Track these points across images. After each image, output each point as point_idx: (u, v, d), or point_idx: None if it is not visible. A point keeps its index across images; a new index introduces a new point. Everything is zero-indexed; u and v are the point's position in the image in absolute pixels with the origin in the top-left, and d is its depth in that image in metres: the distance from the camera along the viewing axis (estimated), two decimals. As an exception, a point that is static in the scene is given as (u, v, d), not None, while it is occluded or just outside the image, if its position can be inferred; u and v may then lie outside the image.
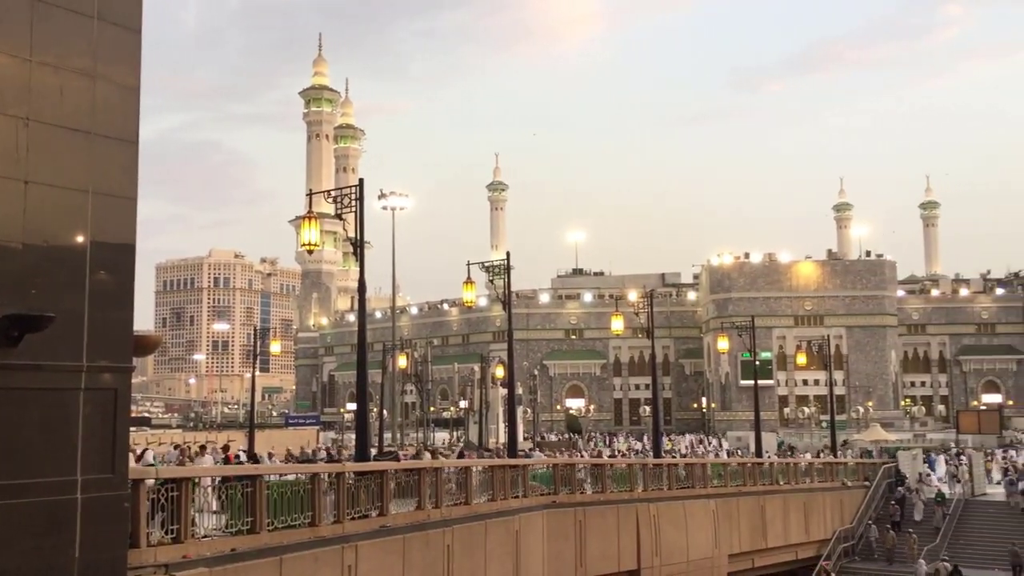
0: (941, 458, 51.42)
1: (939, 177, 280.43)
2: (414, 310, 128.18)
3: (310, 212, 22.84)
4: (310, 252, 24.98)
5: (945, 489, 43.38)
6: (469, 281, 34.05)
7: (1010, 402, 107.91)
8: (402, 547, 19.34)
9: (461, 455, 32.15)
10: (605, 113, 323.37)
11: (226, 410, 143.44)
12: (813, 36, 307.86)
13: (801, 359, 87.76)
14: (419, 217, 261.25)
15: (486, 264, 31.87)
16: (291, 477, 18.12)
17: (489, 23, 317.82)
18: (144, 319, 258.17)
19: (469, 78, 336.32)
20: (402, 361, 60.68)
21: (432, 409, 78.41)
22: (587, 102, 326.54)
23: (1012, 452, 59.52)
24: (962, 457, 50.72)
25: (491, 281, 31.68)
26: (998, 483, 45.54)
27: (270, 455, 30.87)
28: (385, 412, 62.38)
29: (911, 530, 38.14)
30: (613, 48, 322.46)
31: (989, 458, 52.25)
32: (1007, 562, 35.21)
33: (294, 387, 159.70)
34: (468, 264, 32.72)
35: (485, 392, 58.40)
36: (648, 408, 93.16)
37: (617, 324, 42.55)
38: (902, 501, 40.96)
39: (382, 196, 41.80)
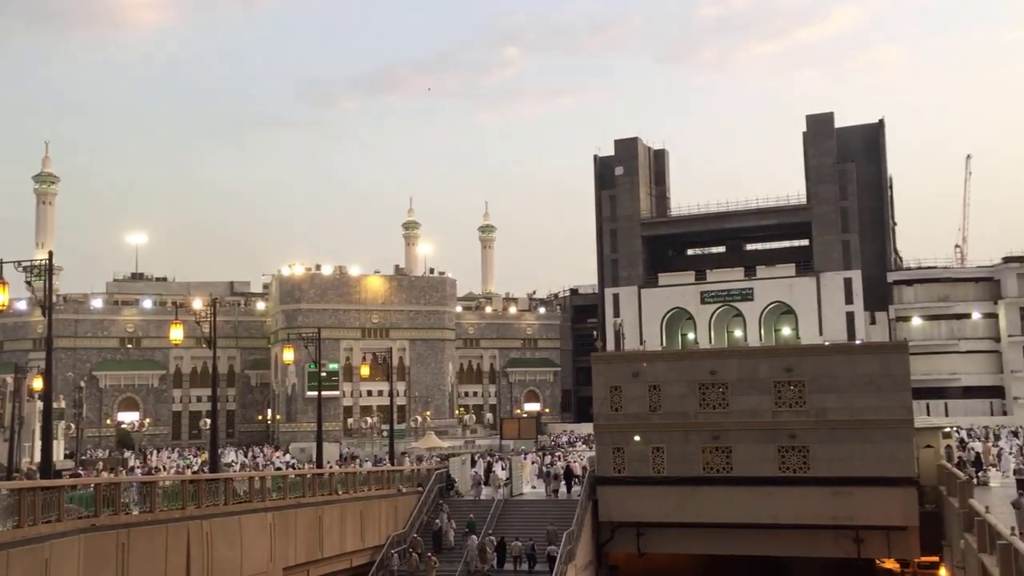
0: (462, 460, 52.84)
1: (496, 203, 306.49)
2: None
3: None
4: None
5: (485, 491, 46.87)
6: (1, 282, 29.96)
7: (547, 410, 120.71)
8: None
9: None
10: (173, 110, 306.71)
11: None
12: (387, 59, 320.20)
13: (365, 371, 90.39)
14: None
15: (24, 263, 28.27)
16: None
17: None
18: None
19: (17, 58, 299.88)
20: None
21: (-49, 427, 68.03)
22: (153, 97, 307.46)
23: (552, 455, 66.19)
24: (490, 459, 54.91)
25: (29, 283, 28.22)
26: (532, 487, 49.91)
27: None
28: None
29: (430, 553, 38.71)
30: (183, 42, 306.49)
31: (528, 458, 57.56)
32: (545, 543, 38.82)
33: None
34: (0, 262, 28.79)
35: (19, 406, 51.95)
36: (210, 421, 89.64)
37: (177, 333, 40.23)
38: (438, 534, 41.26)
39: None
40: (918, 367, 79.86)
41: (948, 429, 47.66)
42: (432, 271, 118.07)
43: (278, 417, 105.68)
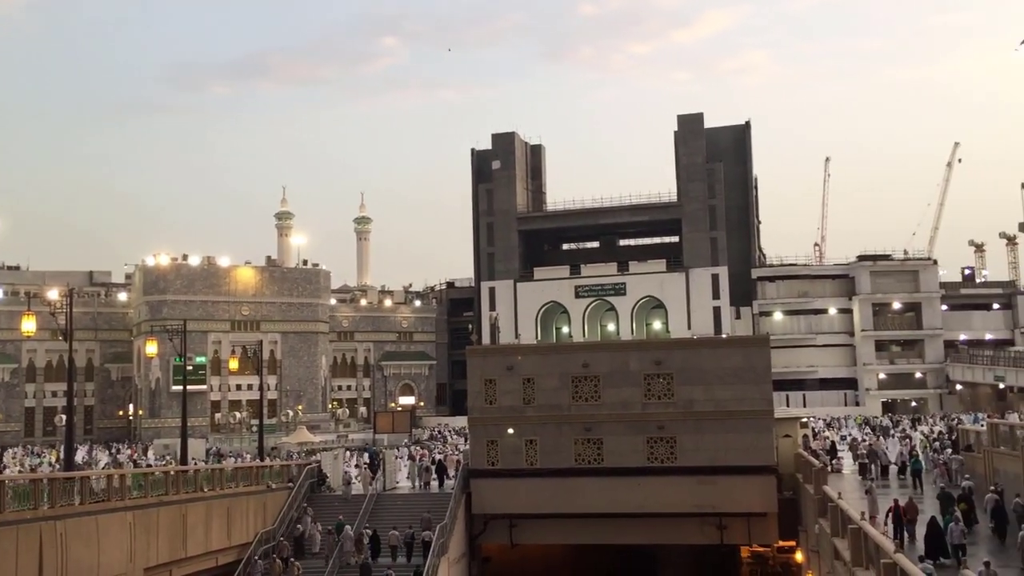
0: (335, 455, 51.53)
1: (373, 195, 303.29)
2: None
3: None
4: None
5: (357, 487, 46.24)
6: None
7: (422, 403, 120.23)
8: None
9: None
10: (33, 90, 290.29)
11: None
12: (261, 44, 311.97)
13: (234, 364, 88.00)
14: None
15: None
16: None
17: None
18: None
19: None
20: None
21: None
22: (12, 76, 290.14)
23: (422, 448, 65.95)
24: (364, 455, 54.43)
25: None
26: (398, 481, 49.28)
27: None
28: None
29: (293, 558, 37.30)
30: (45, 19, 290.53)
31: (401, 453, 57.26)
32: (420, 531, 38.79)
33: None
34: None
35: None
36: (65, 417, 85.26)
37: (29, 325, 38.09)
38: (300, 538, 39.83)
39: None
40: (779, 360, 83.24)
41: (805, 419, 49.96)
42: (305, 263, 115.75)
43: (140, 413, 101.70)
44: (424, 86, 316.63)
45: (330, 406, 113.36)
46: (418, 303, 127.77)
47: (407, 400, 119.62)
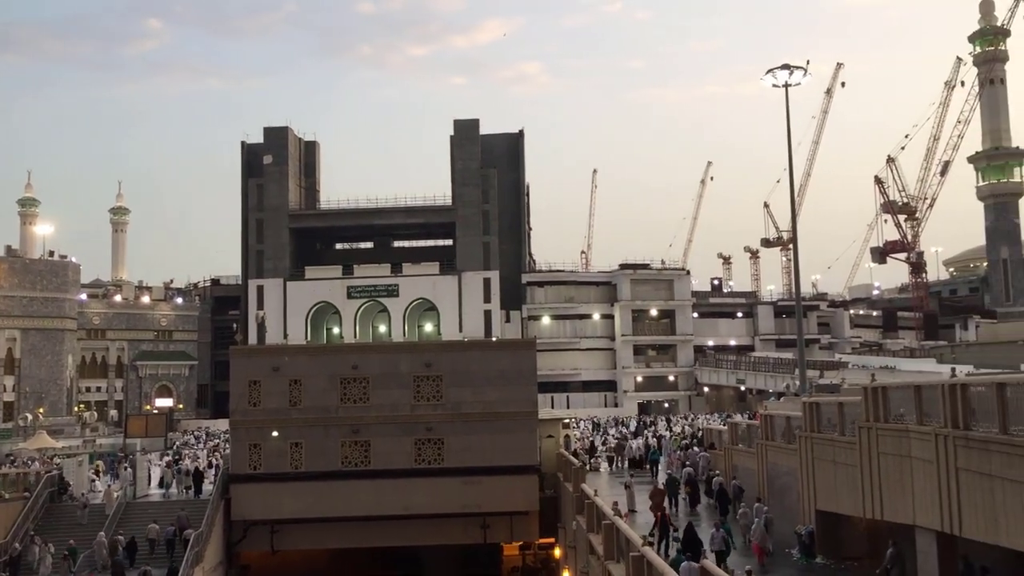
0: (79, 461, 48.64)
1: (133, 184, 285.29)
2: None
3: None
4: None
5: (100, 495, 43.18)
6: None
7: (180, 405, 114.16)
8: None
9: None
10: None
11: None
12: (7, 14, 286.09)
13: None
14: None
15: None
16: None
17: None
18: None
19: None
20: None
21: None
22: None
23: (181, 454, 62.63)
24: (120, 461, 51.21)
25: None
26: (154, 489, 46.75)
27: None
28: None
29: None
30: None
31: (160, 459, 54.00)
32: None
33: None
34: None
35: None
36: None
37: None
38: (17, 560, 36.44)
39: None
40: (545, 363, 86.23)
41: (567, 420, 51.91)
42: (52, 254, 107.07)
43: None
44: (191, 73, 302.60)
45: (76, 409, 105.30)
46: (180, 300, 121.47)
47: (164, 402, 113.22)
